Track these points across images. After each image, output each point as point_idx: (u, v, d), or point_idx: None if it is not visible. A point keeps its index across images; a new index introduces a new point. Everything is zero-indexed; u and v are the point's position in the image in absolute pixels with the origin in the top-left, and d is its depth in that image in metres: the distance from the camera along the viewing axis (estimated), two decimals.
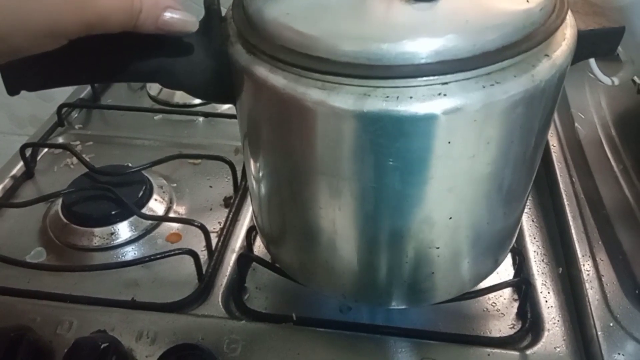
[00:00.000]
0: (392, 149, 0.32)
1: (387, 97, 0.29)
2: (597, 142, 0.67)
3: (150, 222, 0.57)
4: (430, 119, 0.30)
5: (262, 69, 0.33)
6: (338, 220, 0.38)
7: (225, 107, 0.76)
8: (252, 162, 0.42)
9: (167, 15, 0.32)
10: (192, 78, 0.37)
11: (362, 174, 0.34)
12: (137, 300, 0.50)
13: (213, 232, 0.56)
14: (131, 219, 0.56)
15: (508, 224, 0.42)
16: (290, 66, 0.32)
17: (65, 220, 0.56)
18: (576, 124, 0.69)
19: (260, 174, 0.42)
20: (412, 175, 0.34)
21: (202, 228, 0.53)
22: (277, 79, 0.33)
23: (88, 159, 0.63)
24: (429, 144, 0.32)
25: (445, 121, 0.30)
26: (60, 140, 0.70)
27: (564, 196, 0.57)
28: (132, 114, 0.74)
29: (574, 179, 0.60)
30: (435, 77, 0.29)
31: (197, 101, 0.76)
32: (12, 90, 0.35)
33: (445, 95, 0.29)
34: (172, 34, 0.33)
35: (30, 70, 0.35)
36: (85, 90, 0.78)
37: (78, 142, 0.70)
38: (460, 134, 0.31)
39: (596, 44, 0.36)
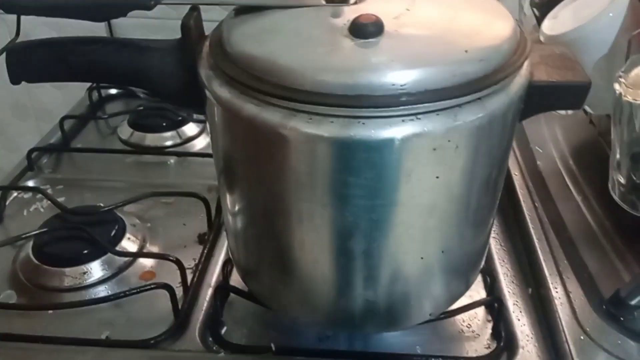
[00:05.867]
0: (363, 174, 0.34)
1: (363, 123, 0.32)
2: (558, 174, 0.70)
3: (123, 260, 0.56)
4: (397, 143, 0.32)
5: (228, 94, 0.35)
6: (312, 248, 0.39)
7: (197, 148, 0.77)
8: (227, 193, 0.43)
9: None
10: (166, 85, 0.41)
11: (335, 201, 0.36)
12: (111, 339, 0.49)
13: (188, 268, 0.56)
14: (104, 257, 0.56)
15: (477, 245, 0.44)
16: (261, 94, 0.34)
17: (36, 261, 0.55)
18: (535, 155, 0.73)
19: (236, 206, 0.43)
20: (382, 201, 0.35)
21: (178, 262, 0.53)
22: (247, 107, 0.34)
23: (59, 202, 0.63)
24: (395, 167, 0.34)
25: (410, 145, 0.33)
26: (30, 184, 0.70)
27: (528, 220, 0.59)
28: (103, 157, 0.74)
29: (536, 204, 0.63)
30: (408, 107, 0.31)
31: (169, 143, 0.77)
32: (15, 80, 0.42)
33: (414, 122, 0.32)
34: None
35: (31, 63, 0.41)
36: (56, 135, 0.78)
37: (48, 186, 0.69)
38: (423, 158, 0.34)
39: (561, 97, 0.39)
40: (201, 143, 0.79)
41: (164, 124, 0.78)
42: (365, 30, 0.34)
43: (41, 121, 1.12)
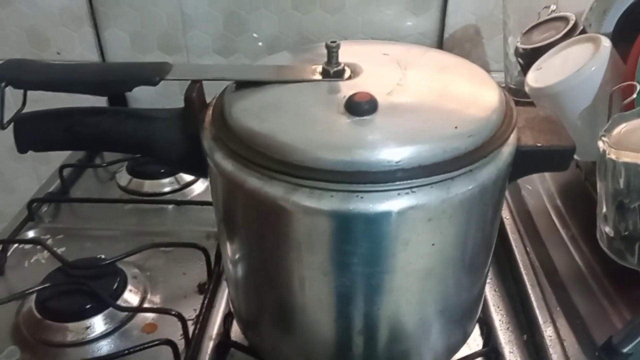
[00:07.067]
0: (362, 244, 0.36)
1: (361, 197, 0.34)
2: (545, 212, 0.72)
3: (125, 314, 0.57)
4: (393, 215, 0.34)
5: (231, 166, 0.37)
6: (313, 311, 0.41)
7: (196, 193, 0.79)
8: (228, 246, 0.44)
9: None
10: (170, 154, 0.43)
11: (335, 269, 0.37)
12: None
13: (189, 319, 0.57)
14: (106, 312, 0.57)
15: (473, 298, 0.46)
16: (264, 168, 0.35)
17: (39, 316, 0.56)
18: (523, 193, 0.75)
19: (237, 266, 0.44)
20: (381, 268, 0.37)
21: (179, 317, 0.54)
22: (250, 180, 0.36)
23: (60, 253, 0.64)
24: (393, 238, 0.36)
25: (406, 217, 0.35)
26: (31, 234, 0.71)
27: (521, 266, 0.61)
28: (102, 205, 0.76)
29: (528, 249, 0.64)
30: (403, 182, 0.33)
31: (167, 189, 0.79)
32: (22, 149, 0.43)
33: (409, 195, 0.34)
34: None
35: (38, 134, 0.43)
36: (55, 184, 0.79)
37: (48, 236, 0.70)
38: (419, 228, 0.36)
39: (547, 161, 0.41)
40: (199, 188, 0.80)
41: (162, 171, 0.80)
42: (361, 108, 0.36)
43: (37, 163, 1.12)
